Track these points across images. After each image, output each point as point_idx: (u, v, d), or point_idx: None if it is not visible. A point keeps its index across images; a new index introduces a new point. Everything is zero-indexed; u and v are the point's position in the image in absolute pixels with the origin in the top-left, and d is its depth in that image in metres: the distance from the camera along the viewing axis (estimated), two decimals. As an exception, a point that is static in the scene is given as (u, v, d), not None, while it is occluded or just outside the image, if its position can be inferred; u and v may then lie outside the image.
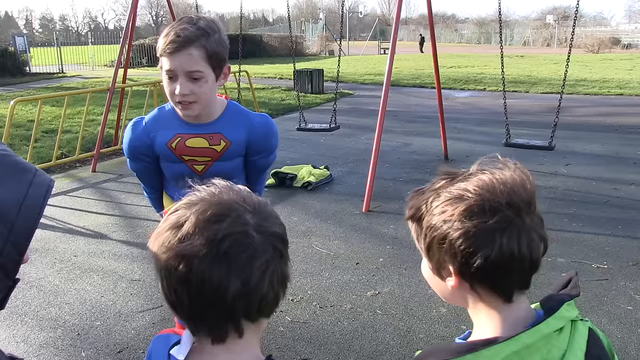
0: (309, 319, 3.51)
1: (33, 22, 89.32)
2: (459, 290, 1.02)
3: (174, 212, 0.96)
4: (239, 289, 0.89)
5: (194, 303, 0.91)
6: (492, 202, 0.95)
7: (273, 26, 56.54)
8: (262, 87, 16.31)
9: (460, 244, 0.95)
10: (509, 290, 0.99)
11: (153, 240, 0.96)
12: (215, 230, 0.90)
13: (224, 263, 0.89)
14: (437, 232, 0.99)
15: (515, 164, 1.01)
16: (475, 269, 0.95)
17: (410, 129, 9.95)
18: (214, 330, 0.94)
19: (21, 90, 16.93)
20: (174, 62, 1.96)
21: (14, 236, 0.85)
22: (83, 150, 7.88)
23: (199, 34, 1.94)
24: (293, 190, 6.21)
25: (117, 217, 5.43)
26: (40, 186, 0.88)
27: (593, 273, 4.09)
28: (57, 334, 3.36)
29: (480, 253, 0.94)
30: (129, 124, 2.25)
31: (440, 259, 1.01)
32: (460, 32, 64.34)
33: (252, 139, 2.22)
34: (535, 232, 0.97)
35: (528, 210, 0.96)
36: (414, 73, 20.84)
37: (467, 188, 0.98)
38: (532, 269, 0.98)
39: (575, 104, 12.66)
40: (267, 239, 0.94)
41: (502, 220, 0.94)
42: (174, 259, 0.90)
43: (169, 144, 2.16)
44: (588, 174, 6.75)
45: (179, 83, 1.99)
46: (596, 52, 35.41)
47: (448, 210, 0.97)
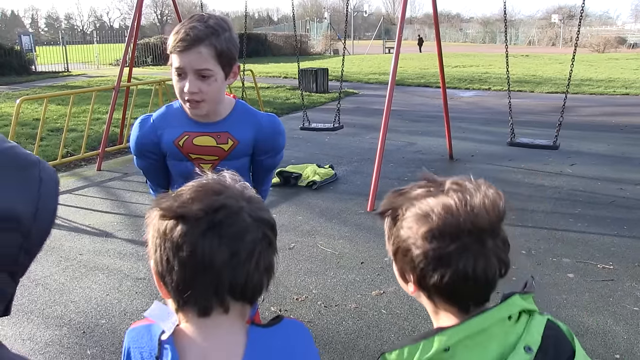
0: (313, 318, 3.51)
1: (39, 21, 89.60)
2: (419, 295, 1.09)
3: (171, 192, 1.03)
4: (227, 259, 0.94)
5: (184, 270, 0.94)
6: (453, 228, 0.98)
7: (278, 25, 56.55)
8: (267, 86, 16.32)
9: (419, 261, 1.01)
10: (464, 304, 1.05)
11: (152, 209, 1.01)
12: (213, 200, 0.96)
13: (216, 231, 0.94)
14: (403, 244, 1.05)
15: (488, 186, 1.04)
16: (431, 285, 1.02)
17: (415, 129, 9.94)
18: (201, 302, 0.96)
19: (27, 88, 16.99)
20: (183, 60, 1.96)
21: (28, 243, 0.82)
22: (88, 148, 7.90)
23: (208, 33, 1.94)
24: (298, 189, 6.21)
25: (122, 216, 5.44)
26: (49, 183, 0.86)
27: (599, 274, 4.08)
28: (63, 332, 3.37)
29: (436, 273, 1.00)
30: (136, 121, 2.24)
31: (403, 267, 1.07)
32: (465, 31, 64.22)
33: (260, 139, 2.22)
34: (495, 257, 1.01)
35: (491, 234, 1.01)
36: (419, 72, 20.81)
37: (433, 209, 1.01)
38: (487, 288, 1.04)
39: (580, 104, 12.63)
40: (258, 223, 0.99)
41: (461, 246, 0.98)
42: (171, 221, 0.95)
43: (176, 141, 2.16)
44: (593, 174, 6.73)
45: (187, 81, 1.98)
46: (602, 51, 35.29)
47: (414, 227, 1.02)
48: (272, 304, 3.66)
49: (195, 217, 0.94)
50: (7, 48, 22.67)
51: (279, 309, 3.61)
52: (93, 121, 9.32)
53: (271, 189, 2.61)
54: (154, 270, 1.01)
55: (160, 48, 28.37)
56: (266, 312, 3.54)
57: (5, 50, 22.25)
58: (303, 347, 1.11)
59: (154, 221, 0.99)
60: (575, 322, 3.41)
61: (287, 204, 5.69)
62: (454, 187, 1.05)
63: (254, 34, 36.53)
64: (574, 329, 3.32)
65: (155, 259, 0.98)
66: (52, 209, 0.87)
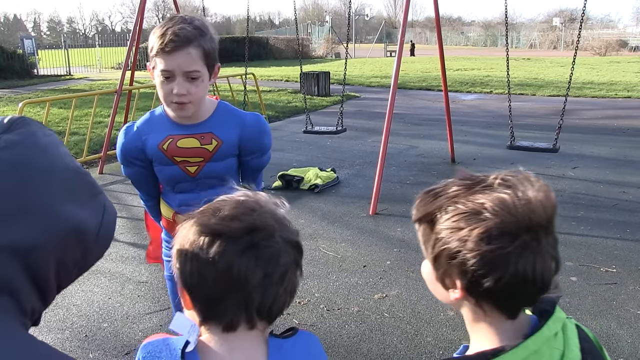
0: (316, 321, 3.51)
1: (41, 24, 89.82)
2: (462, 302, 1.01)
3: (210, 204, 1.04)
4: (261, 280, 0.96)
5: (216, 286, 0.96)
6: (511, 226, 0.91)
7: (279, 29, 56.63)
8: (269, 90, 16.33)
9: (472, 264, 0.92)
10: (515, 309, 0.99)
11: (184, 224, 1.02)
12: (252, 220, 0.98)
13: (253, 252, 0.96)
14: (448, 247, 0.95)
15: (539, 180, 0.97)
16: (484, 289, 0.93)
17: (417, 132, 9.94)
18: (228, 317, 0.98)
19: (29, 92, 17.02)
20: (172, 62, 1.94)
21: (84, 262, 0.84)
22: (90, 152, 7.91)
23: (196, 34, 1.93)
24: (300, 192, 6.21)
25: (124, 219, 5.44)
26: (111, 212, 0.88)
27: (602, 277, 4.07)
28: (65, 336, 3.37)
29: (493, 276, 0.92)
30: (121, 130, 2.25)
31: (448, 272, 0.98)
32: (466, 34, 64.28)
33: (244, 138, 2.21)
34: (549, 254, 0.95)
35: (546, 232, 0.94)
36: (420, 76, 20.82)
37: (485, 205, 0.93)
38: (541, 291, 0.97)
39: (582, 107, 12.62)
40: (289, 246, 1.01)
41: (520, 245, 0.91)
42: (208, 237, 0.96)
43: (160, 145, 2.15)
44: (595, 177, 6.72)
45: (176, 83, 1.97)
46: (603, 54, 35.28)
47: (464, 228, 0.93)
48: (275, 308, 3.64)
49: (234, 236, 0.95)
50: (10, 52, 22.72)
51: (282, 312, 3.60)
52: (95, 124, 9.33)
53: (273, 192, 2.60)
54: (180, 280, 1.01)
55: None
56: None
57: (8, 54, 22.30)
58: (320, 357, 1.13)
59: (187, 234, 0.99)
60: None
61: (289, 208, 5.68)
62: (501, 181, 0.97)
63: (256, 38, 36.58)
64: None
65: (184, 270, 0.99)
66: (110, 236, 0.89)
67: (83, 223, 0.79)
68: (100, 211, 0.85)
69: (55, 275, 0.77)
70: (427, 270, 1.07)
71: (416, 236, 1.09)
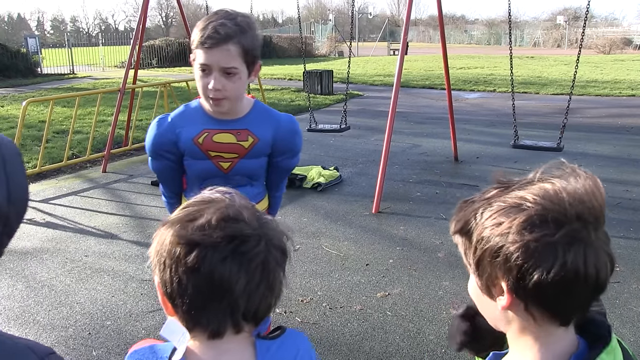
0: (318, 320, 3.51)
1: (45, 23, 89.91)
2: (511, 310, 0.92)
3: (186, 207, 0.99)
4: (245, 287, 0.93)
5: (198, 294, 0.93)
6: (556, 213, 0.84)
7: (282, 27, 56.63)
8: (272, 88, 16.34)
9: (516, 258, 0.85)
10: (567, 315, 0.90)
11: (161, 231, 0.97)
12: (233, 228, 0.94)
13: (236, 259, 0.93)
14: (490, 245, 0.89)
15: (586, 172, 0.90)
16: (532, 287, 0.85)
17: (420, 130, 9.93)
18: (213, 325, 0.95)
19: (33, 91, 17.06)
20: (210, 57, 1.95)
21: (9, 228, 0.84)
22: (94, 150, 7.93)
23: (237, 30, 1.93)
24: (303, 191, 6.21)
25: (127, 218, 5.45)
26: (13, 159, 0.85)
27: (605, 275, 4.05)
28: (69, 334, 3.38)
29: (540, 269, 0.84)
30: (153, 121, 2.21)
31: (493, 275, 0.91)
32: (469, 33, 64.15)
33: (278, 138, 2.21)
34: (603, 251, 0.86)
35: (596, 225, 0.86)
36: (424, 74, 20.79)
37: (525, 197, 0.88)
38: (596, 291, 0.88)
39: (586, 105, 12.59)
40: (272, 250, 0.98)
41: (568, 234, 0.83)
42: (186, 246, 0.92)
43: (195, 139, 2.13)
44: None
45: (213, 77, 1.97)
46: (607, 52, 35.17)
47: (504, 221, 0.87)
48: (277, 306, 3.64)
49: (214, 245, 0.92)
50: (14, 51, 22.75)
51: (284, 310, 3.61)
52: (98, 123, 9.35)
53: (283, 193, 2.59)
54: (160, 289, 0.98)
55: (165, 50, 28.45)
56: (271, 314, 3.54)
57: (12, 53, 22.33)
58: (309, 357, 1.13)
59: (165, 242, 0.95)
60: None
61: (292, 206, 5.69)
62: (542, 175, 0.92)
63: (259, 36, 36.53)
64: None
65: (164, 279, 0.95)
66: (23, 186, 0.86)
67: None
68: (2, 183, 0.81)
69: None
70: (473, 285, 1.00)
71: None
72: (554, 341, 0.92)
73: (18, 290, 3.94)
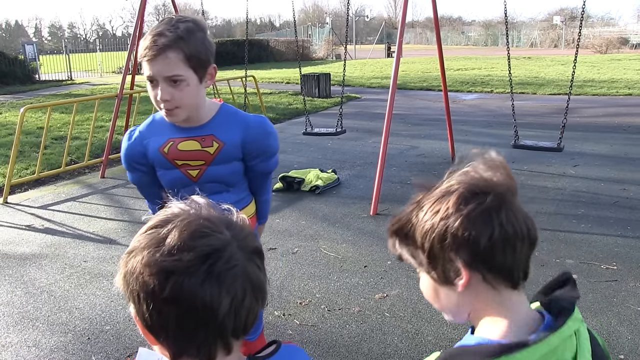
0: (317, 322, 3.52)
1: (42, 30, 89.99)
2: (471, 286, 0.98)
3: (149, 229, 0.91)
4: (229, 305, 0.87)
5: (182, 323, 0.87)
6: (480, 186, 0.97)
7: (280, 31, 56.69)
8: (270, 92, 16.36)
9: (462, 231, 0.94)
10: (516, 275, 0.99)
11: (127, 259, 0.90)
12: (204, 244, 0.87)
13: (214, 279, 0.85)
14: (436, 232, 0.97)
15: (489, 153, 1.05)
16: (483, 252, 0.94)
17: (418, 132, 9.95)
18: (203, 350, 0.90)
19: (31, 97, 17.07)
20: (152, 68, 1.93)
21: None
22: (92, 156, 7.94)
23: (176, 38, 1.90)
24: (301, 194, 6.22)
25: (126, 223, 5.46)
26: None
27: (602, 274, 4.07)
28: (68, 339, 3.38)
29: (485, 233, 0.94)
30: (125, 135, 2.24)
31: (446, 259, 0.98)
32: (466, 34, 64.22)
33: (248, 140, 2.16)
34: (524, 211, 0.99)
35: (512, 192, 0.99)
36: (421, 76, 20.83)
37: (450, 183, 1.00)
38: (531, 246, 0.99)
39: (583, 105, 12.62)
40: (248, 254, 0.92)
41: (496, 198, 0.95)
42: (159, 276, 0.85)
43: (161, 149, 2.13)
44: (596, 175, 6.72)
45: (160, 88, 1.95)
46: (604, 52, 35.23)
47: (440, 207, 0.98)
48: (276, 309, 3.66)
49: (189, 270, 0.84)
50: (11, 57, 22.78)
51: (283, 313, 3.62)
52: (96, 129, 9.36)
53: (274, 194, 2.60)
54: (138, 322, 0.92)
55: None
56: (270, 316, 3.55)
57: (9, 60, 22.36)
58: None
59: (133, 271, 0.88)
60: (579, 323, 3.40)
61: (290, 209, 5.70)
62: (456, 168, 1.04)
63: (256, 40, 36.64)
64: (578, 329, 3.32)
65: (141, 312, 0.88)
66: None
67: None
68: None
69: None
70: (427, 285, 1.07)
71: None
72: (516, 309, 1.00)
73: (17, 296, 3.95)
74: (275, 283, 4.00)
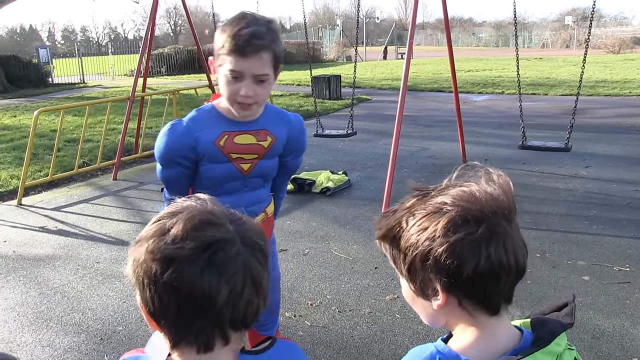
0: (328, 323, 3.53)
1: (55, 34, 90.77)
2: (445, 308, 0.99)
3: (156, 222, 0.95)
4: (228, 295, 0.89)
5: (182, 310, 0.89)
6: (475, 212, 0.92)
7: (290, 33, 56.75)
8: (280, 94, 16.40)
9: (445, 258, 0.92)
10: (496, 303, 0.97)
11: (135, 248, 0.94)
12: (206, 236, 0.90)
13: (214, 269, 0.88)
14: (419, 250, 0.95)
15: (497, 171, 1.00)
16: (464, 282, 0.92)
17: (429, 134, 9.94)
18: (201, 338, 0.92)
19: (44, 100, 17.24)
20: (243, 63, 1.93)
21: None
22: (104, 158, 8.01)
23: (270, 38, 1.94)
24: (312, 196, 6.24)
25: (138, 224, 5.51)
26: None
27: (615, 276, 4.05)
28: (81, 339, 3.42)
29: (469, 265, 0.91)
30: (164, 128, 2.14)
31: (425, 278, 0.97)
32: (477, 35, 63.98)
33: (291, 137, 2.27)
34: (518, 238, 0.96)
35: (509, 217, 0.95)
36: (432, 77, 20.79)
37: (444, 201, 0.95)
38: (517, 277, 0.97)
39: (595, 106, 12.54)
40: (250, 249, 0.94)
41: (488, 229, 0.92)
42: (162, 263, 0.88)
43: (216, 142, 2.11)
44: (608, 176, 6.67)
45: (244, 84, 1.96)
46: (617, 52, 34.95)
47: (429, 226, 0.94)
48: (287, 310, 3.68)
49: (189, 258, 0.88)
50: (26, 61, 23.04)
51: (294, 314, 3.64)
52: (109, 131, 9.44)
53: (285, 195, 2.63)
54: (143, 308, 0.95)
55: (174, 58, 28.63)
56: (281, 317, 3.55)
57: (24, 64, 22.62)
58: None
59: (139, 259, 0.91)
60: (591, 324, 3.39)
61: (301, 211, 5.72)
62: (459, 180, 1.00)
63: (267, 43, 36.62)
64: (590, 332, 3.31)
65: (145, 298, 0.91)
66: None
67: None
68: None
69: None
70: (406, 289, 1.06)
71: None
72: (490, 331, 0.99)
73: (31, 296, 4.00)
74: (286, 284, 4.02)
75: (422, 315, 1.07)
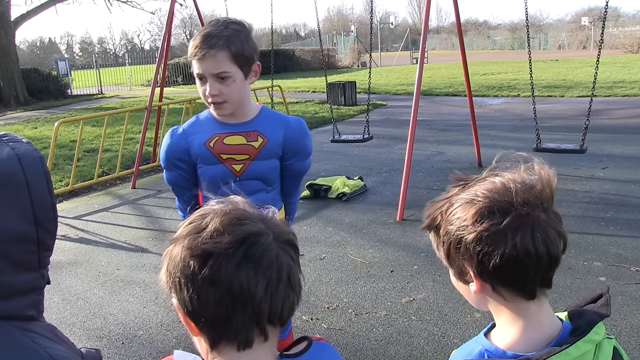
0: (344, 325, 3.57)
1: (73, 46, 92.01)
2: (482, 293, 1.04)
3: (190, 222, 0.96)
4: (265, 288, 0.90)
5: (220, 306, 0.90)
6: (501, 203, 0.97)
7: (305, 40, 57.04)
8: (296, 101, 16.49)
9: (474, 246, 0.98)
10: (530, 288, 1.00)
11: (169, 249, 0.95)
12: (242, 230, 0.91)
13: (250, 263, 0.89)
14: (453, 238, 1.02)
15: (541, 163, 1.04)
16: (492, 269, 0.97)
17: (444, 138, 9.94)
18: (241, 335, 0.92)
19: (64, 112, 17.52)
20: (201, 65, 2.07)
21: (45, 246, 0.95)
22: (123, 167, 8.14)
23: (222, 36, 2.04)
24: (328, 201, 6.28)
25: (156, 232, 5.60)
26: (37, 182, 0.92)
27: (632, 277, 4.03)
28: (103, 343, 3.50)
29: (495, 253, 0.96)
30: (166, 133, 2.32)
31: (460, 264, 1.03)
32: (492, 38, 63.66)
33: (288, 137, 2.29)
34: (552, 228, 0.98)
35: (542, 207, 0.98)
36: (447, 82, 20.74)
37: (476, 192, 1.01)
38: (551, 265, 1.00)
39: (612, 107, 12.43)
40: (282, 245, 0.95)
41: (514, 219, 0.95)
42: (199, 258, 0.89)
43: (207, 143, 2.22)
44: (626, 177, 6.63)
45: (208, 84, 2.09)
46: (636, 52, 34.54)
47: (461, 215, 1.01)
48: (304, 313, 3.72)
49: (226, 251, 0.89)
50: (45, 74, 23.49)
51: (311, 317, 3.68)
52: (127, 141, 9.58)
53: (301, 201, 2.68)
54: (180, 310, 0.95)
55: (190, 67, 28.85)
56: (298, 320, 3.61)
57: (44, 76, 23.06)
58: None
59: (175, 259, 0.92)
60: (608, 324, 3.36)
61: (317, 216, 5.77)
62: (491, 171, 1.06)
63: (282, 50, 36.91)
64: (608, 332, 3.30)
65: (183, 298, 0.92)
66: (48, 205, 0.94)
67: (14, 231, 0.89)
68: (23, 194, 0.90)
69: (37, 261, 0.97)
70: (451, 274, 1.12)
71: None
72: (534, 320, 1.02)
73: (55, 302, 4.09)
74: (303, 288, 4.06)
75: (468, 299, 1.12)
